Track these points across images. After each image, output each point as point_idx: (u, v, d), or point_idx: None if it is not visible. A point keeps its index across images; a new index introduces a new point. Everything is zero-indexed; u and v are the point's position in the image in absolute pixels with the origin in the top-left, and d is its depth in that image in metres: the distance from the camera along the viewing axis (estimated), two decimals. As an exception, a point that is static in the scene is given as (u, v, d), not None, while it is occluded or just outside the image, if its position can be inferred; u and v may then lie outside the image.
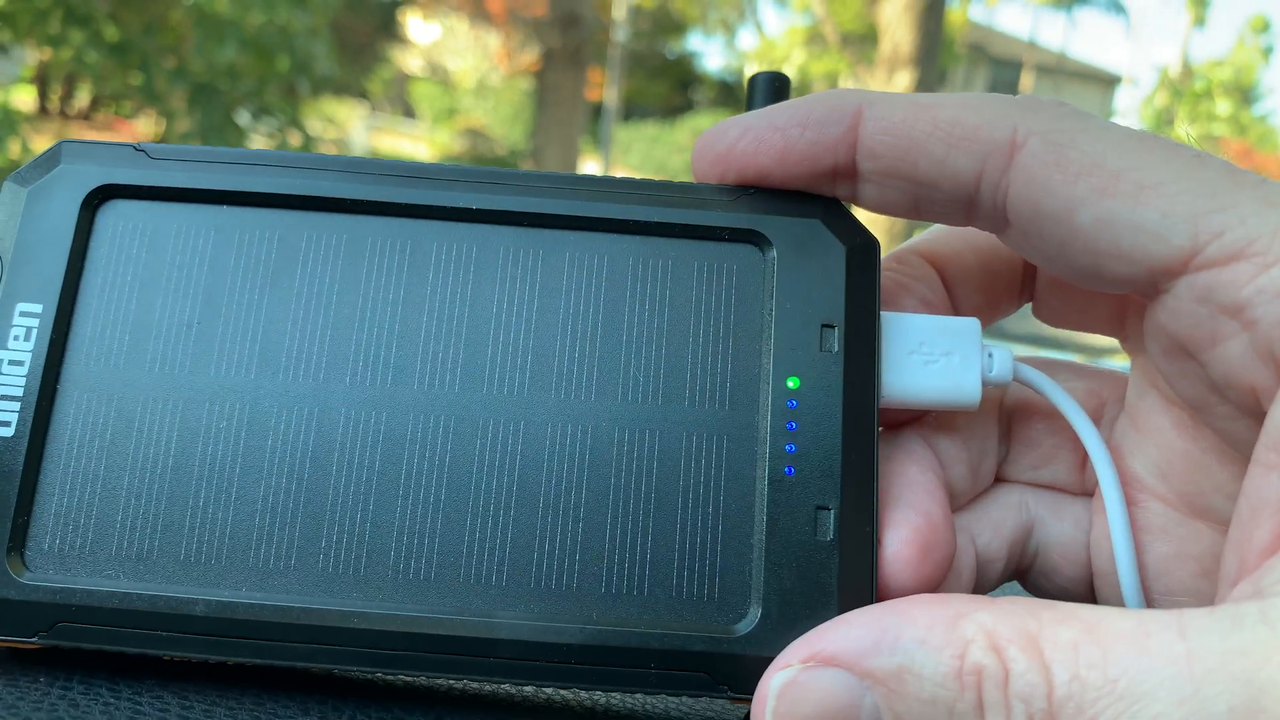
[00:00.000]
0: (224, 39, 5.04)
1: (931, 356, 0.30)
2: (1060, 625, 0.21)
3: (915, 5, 6.06)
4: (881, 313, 0.29)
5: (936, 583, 0.28)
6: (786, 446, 0.28)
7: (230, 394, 0.28)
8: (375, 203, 0.30)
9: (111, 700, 0.27)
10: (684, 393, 0.29)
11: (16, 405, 0.28)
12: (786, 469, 0.28)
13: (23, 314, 0.29)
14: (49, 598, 0.27)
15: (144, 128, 8.08)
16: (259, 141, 5.71)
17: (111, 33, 5.29)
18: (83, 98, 9.21)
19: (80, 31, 5.17)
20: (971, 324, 0.30)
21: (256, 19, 5.16)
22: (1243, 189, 0.25)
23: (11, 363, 0.28)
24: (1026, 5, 19.41)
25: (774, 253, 0.29)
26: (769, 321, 0.29)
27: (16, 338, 0.28)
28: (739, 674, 0.27)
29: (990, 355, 0.30)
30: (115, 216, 0.30)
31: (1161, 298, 0.26)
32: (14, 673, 0.27)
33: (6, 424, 0.28)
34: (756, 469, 0.28)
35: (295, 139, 5.68)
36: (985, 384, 0.30)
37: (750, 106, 0.33)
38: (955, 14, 15.29)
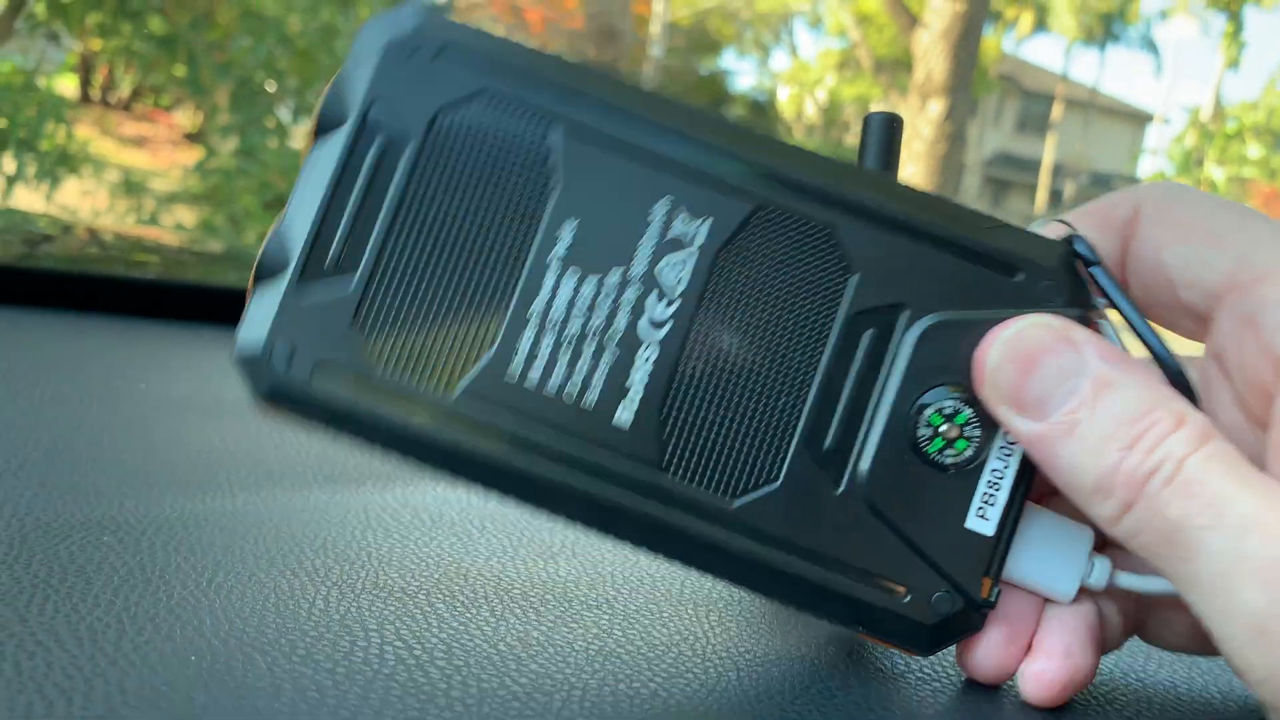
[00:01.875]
0: (267, 36, 5.12)
1: (1044, 548, 0.33)
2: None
3: (950, 34, 6.10)
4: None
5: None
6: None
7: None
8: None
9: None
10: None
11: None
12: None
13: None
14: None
15: (182, 119, 8.18)
16: (299, 136, 5.79)
17: (159, 25, 5.38)
18: (124, 87, 9.33)
19: (130, 23, 5.27)
20: (1086, 534, 0.34)
21: (300, 19, 5.25)
22: None
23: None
24: (1059, 39, 19.38)
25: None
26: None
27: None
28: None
29: (1093, 565, 0.33)
30: None
31: (1213, 322, 0.33)
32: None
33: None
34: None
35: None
36: (1081, 586, 0.33)
37: (864, 145, 0.37)
38: (989, 43, 15.30)
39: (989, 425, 0.31)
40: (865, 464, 0.31)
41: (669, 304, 0.31)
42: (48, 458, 0.46)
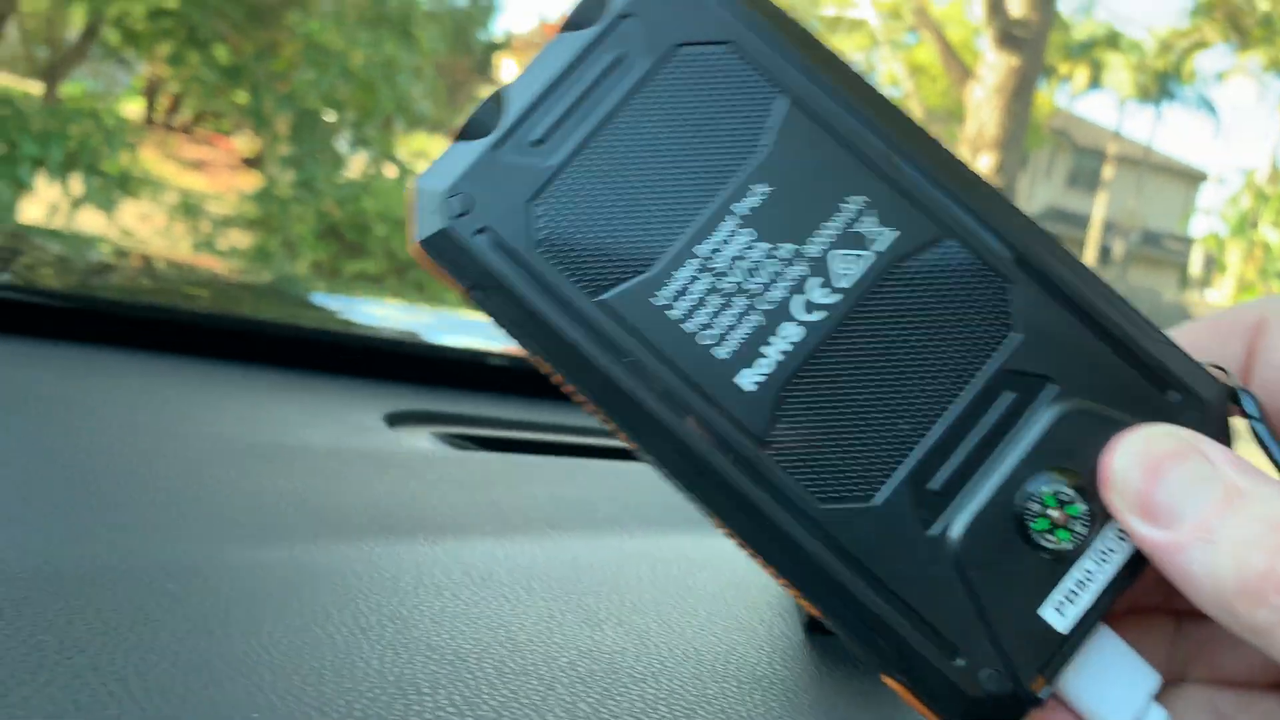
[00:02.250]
0: (330, 69, 5.24)
1: (1107, 674, 0.33)
2: None
3: (1004, 89, 6.10)
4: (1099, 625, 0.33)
5: None
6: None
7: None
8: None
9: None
10: None
11: None
12: None
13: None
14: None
15: (241, 144, 8.35)
16: (355, 167, 5.90)
17: (224, 54, 5.52)
18: (187, 112, 9.55)
19: (198, 52, 5.41)
20: (1152, 677, 0.33)
21: (363, 53, 5.36)
22: None
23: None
24: (1114, 95, 19.29)
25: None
26: None
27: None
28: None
29: (1150, 711, 0.32)
30: None
31: None
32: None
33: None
34: None
35: (391, 171, 5.85)
36: None
37: None
38: (1042, 98, 15.27)
39: (1096, 526, 0.31)
40: (963, 517, 0.31)
41: (829, 292, 0.32)
42: (113, 498, 0.47)
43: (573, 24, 0.32)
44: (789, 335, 0.31)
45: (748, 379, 0.31)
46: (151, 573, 0.41)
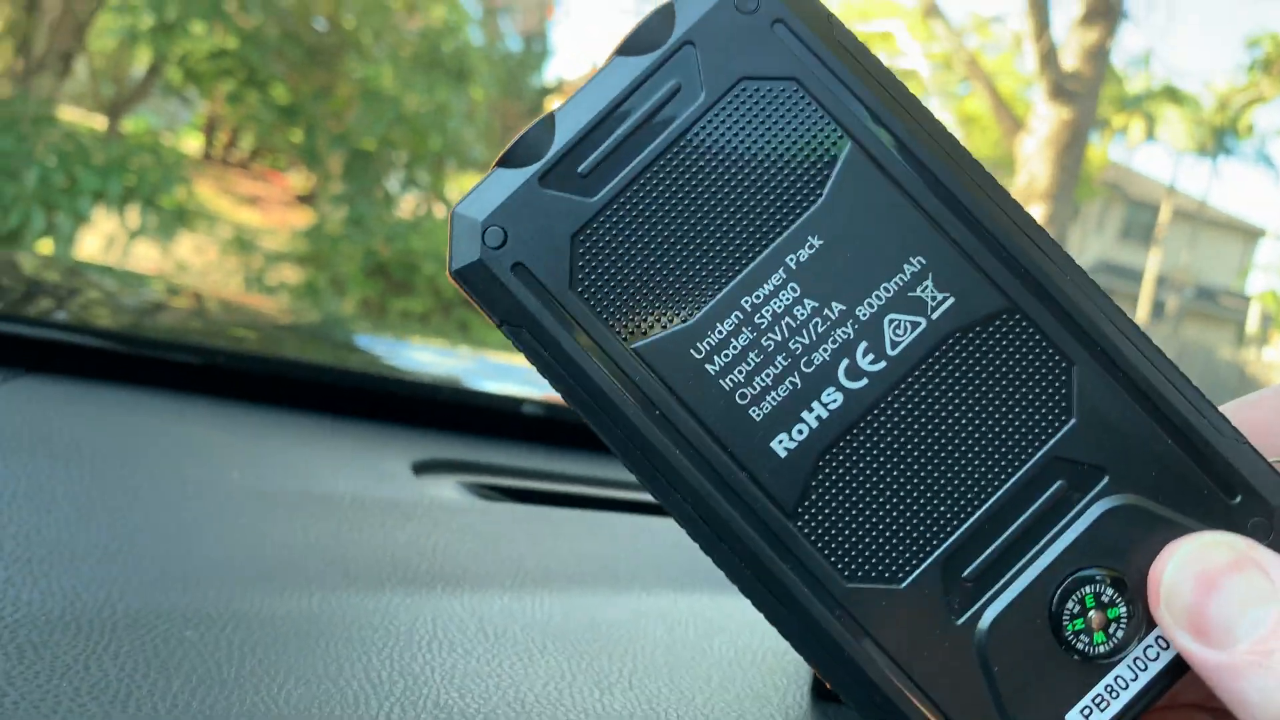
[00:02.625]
0: (384, 113, 5.34)
1: None
2: None
3: (1056, 141, 6.08)
4: None
5: None
6: None
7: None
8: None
9: None
10: None
11: None
12: None
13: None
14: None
15: (295, 180, 8.52)
16: (406, 207, 5.99)
17: (282, 94, 5.65)
18: (243, 148, 9.76)
19: (256, 92, 5.55)
20: None
21: (416, 98, 5.46)
22: None
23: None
24: (1169, 149, 19.11)
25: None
26: None
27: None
28: None
29: None
30: None
31: None
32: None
33: None
34: None
35: (440, 211, 5.93)
36: None
37: None
38: (1094, 151, 15.17)
39: (1136, 631, 0.29)
40: (995, 610, 0.29)
41: (876, 360, 0.30)
42: (140, 543, 0.48)
43: (630, 48, 0.30)
44: (830, 402, 0.30)
45: (782, 444, 0.30)
46: (172, 619, 0.41)
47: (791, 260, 0.30)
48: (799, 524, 0.29)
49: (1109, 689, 0.29)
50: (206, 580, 0.46)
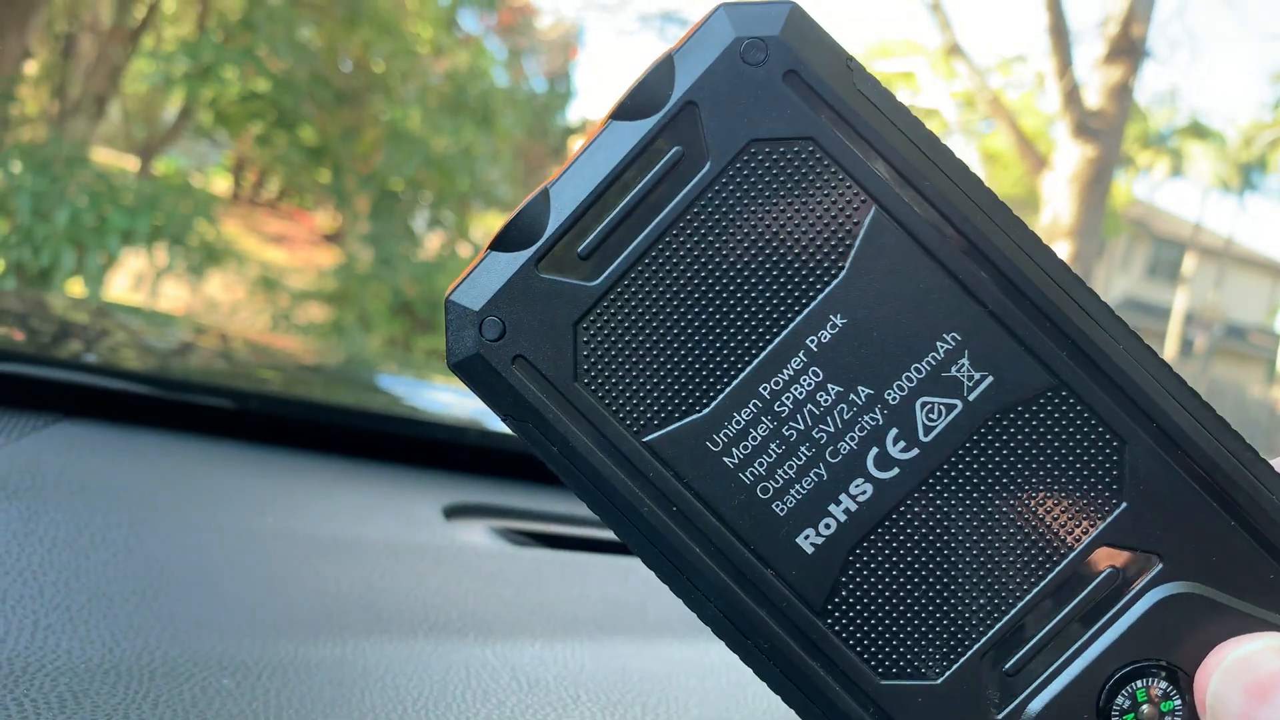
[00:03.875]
0: (411, 155, 5.40)
1: None
2: None
3: (1081, 178, 6.06)
4: None
5: None
6: None
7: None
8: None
9: None
10: None
11: None
12: None
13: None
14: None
15: (322, 219, 8.60)
16: (431, 246, 6.04)
17: (311, 135, 5.73)
18: (271, 188, 9.89)
19: (285, 133, 5.63)
20: None
21: (443, 140, 5.52)
22: None
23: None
24: (1195, 186, 19.03)
25: None
26: None
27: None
28: None
29: None
30: None
31: None
32: None
33: None
34: None
35: (465, 250, 5.98)
36: None
37: None
38: (1119, 188, 15.13)
39: None
40: (1039, 704, 0.27)
41: (908, 448, 0.27)
42: (173, 590, 0.48)
43: (627, 111, 0.27)
44: (859, 494, 0.27)
45: (809, 540, 0.27)
46: (208, 667, 0.41)
47: (812, 342, 0.27)
48: (828, 622, 0.28)
49: None
50: (242, 627, 0.46)
